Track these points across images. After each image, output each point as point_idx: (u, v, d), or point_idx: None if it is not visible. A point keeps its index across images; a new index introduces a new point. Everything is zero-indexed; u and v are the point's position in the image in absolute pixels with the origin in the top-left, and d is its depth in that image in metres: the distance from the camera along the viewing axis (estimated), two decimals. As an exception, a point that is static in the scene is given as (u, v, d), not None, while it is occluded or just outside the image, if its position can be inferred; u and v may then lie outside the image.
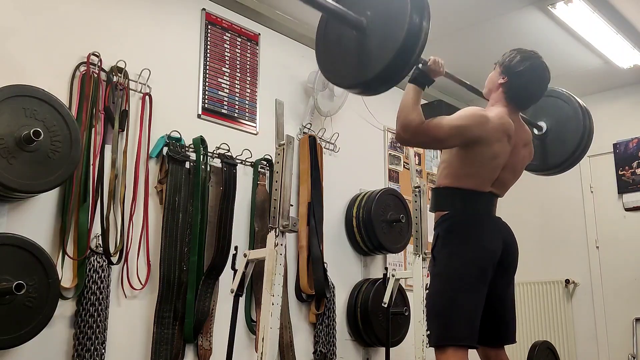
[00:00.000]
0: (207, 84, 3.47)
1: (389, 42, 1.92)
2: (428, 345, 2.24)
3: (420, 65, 2.20)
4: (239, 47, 3.70)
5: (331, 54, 2.20)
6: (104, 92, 2.93)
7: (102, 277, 2.74)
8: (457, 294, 2.14)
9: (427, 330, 2.21)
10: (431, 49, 2.30)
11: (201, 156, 3.23)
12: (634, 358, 4.60)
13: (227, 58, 3.61)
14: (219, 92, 3.53)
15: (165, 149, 3.15)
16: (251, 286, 3.35)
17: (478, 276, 2.16)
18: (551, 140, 2.97)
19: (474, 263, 2.16)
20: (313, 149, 3.88)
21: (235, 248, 2.97)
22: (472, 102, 5.17)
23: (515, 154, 2.35)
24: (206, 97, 3.46)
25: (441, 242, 2.25)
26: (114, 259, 2.83)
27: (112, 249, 2.82)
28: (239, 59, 3.68)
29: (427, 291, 2.36)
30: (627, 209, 4.86)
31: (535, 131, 2.96)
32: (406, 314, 3.97)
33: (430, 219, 2.83)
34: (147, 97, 3.12)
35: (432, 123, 2.18)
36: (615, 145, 4.96)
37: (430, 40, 2.31)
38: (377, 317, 3.90)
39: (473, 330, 2.14)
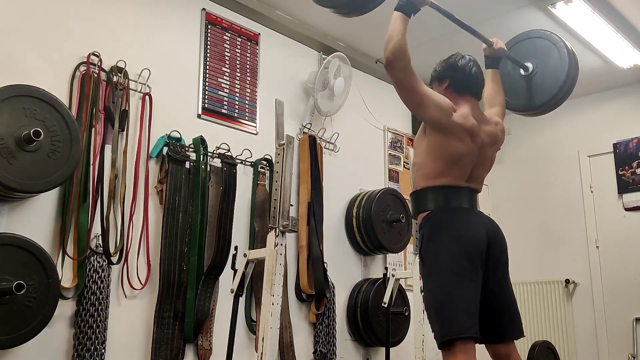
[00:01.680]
0: (207, 83, 3.47)
1: None
2: (437, 347, 2.21)
3: None
4: (239, 47, 3.70)
5: None
6: (104, 92, 2.93)
7: (102, 277, 2.74)
8: (451, 288, 2.13)
9: (432, 331, 2.19)
10: (431, 49, 2.31)
11: (201, 156, 3.23)
12: (634, 358, 4.60)
13: (227, 58, 3.61)
14: (219, 92, 3.53)
15: (165, 149, 3.15)
16: (251, 286, 3.35)
17: (468, 267, 2.15)
18: (537, 79, 2.96)
19: (461, 255, 2.15)
20: (313, 149, 3.88)
21: (235, 248, 2.97)
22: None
23: (483, 153, 2.39)
24: (206, 97, 3.46)
25: (427, 241, 2.25)
26: (114, 259, 2.83)
27: (112, 249, 2.82)
28: (239, 59, 3.68)
29: (422, 292, 2.34)
30: (627, 209, 4.87)
31: (522, 71, 2.98)
32: (406, 314, 3.97)
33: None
34: (147, 97, 3.12)
35: (417, 76, 2.24)
36: (615, 145, 4.96)
37: (430, 41, 2.31)
38: (377, 317, 3.90)
39: (474, 321, 2.11)
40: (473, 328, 2.09)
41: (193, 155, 3.23)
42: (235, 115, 3.60)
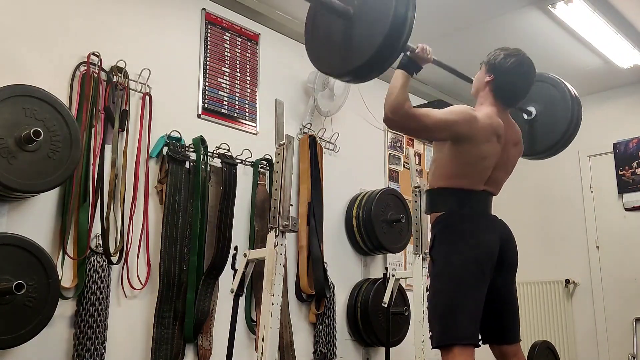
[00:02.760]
0: (207, 83, 3.47)
1: (376, 30, 1.97)
2: (431, 347, 2.23)
3: (408, 53, 2.22)
4: (239, 47, 3.70)
5: (320, 43, 2.23)
6: (104, 92, 2.93)
7: (102, 277, 2.74)
8: (458, 294, 2.14)
9: (429, 331, 2.21)
10: (431, 49, 2.31)
11: (201, 156, 3.23)
12: (634, 358, 4.59)
13: (227, 58, 3.61)
14: (219, 92, 3.53)
15: (165, 149, 3.15)
16: (251, 286, 3.35)
17: (477, 274, 2.16)
18: (540, 125, 2.98)
19: (472, 261, 2.16)
20: (313, 149, 3.88)
21: (235, 248, 2.97)
22: (473, 102, 5.17)
23: (506, 153, 2.36)
24: (206, 97, 3.46)
25: (438, 243, 2.25)
26: (114, 259, 2.83)
27: (112, 249, 2.82)
28: (239, 59, 3.68)
29: (428, 292, 2.35)
30: (627, 209, 4.86)
31: (525, 116, 2.99)
32: (406, 314, 3.97)
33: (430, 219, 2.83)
34: (147, 97, 3.12)
35: (421, 111, 2.21)
36: (615, 145, 4.96)
37: (430, 40, 2.31)
38: (377, 317, 3.90)
39: (475, 328, 2.14)
40: (475, 335, 2.13)
41: (193, 155, 3.23)
42: (235, 115, 3.60)
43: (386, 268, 4.07)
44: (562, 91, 2.96)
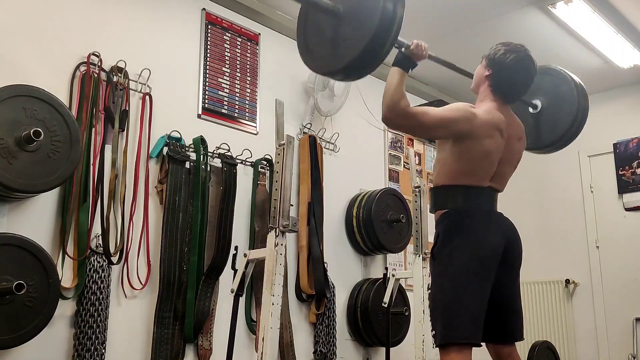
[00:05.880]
0: (207, 84, 3.47)
1: (364, 26, 1.98)
2: (434, 346, 2.22)
3: (403, 49, 2.23)
4: (239, 47, 3.70)
5: (312, 42, 2.23)
6: (104, 92, 2.93)
7: (102, 277, 2.74)
8: (460, 292, 2.12)
9: (432, 330, 2.20)
10: (431, 50, 2.31)
11: (201, 156, 3.23)
12: (634, 358, 4.60)
13: (227, 58, 3.61)
14: (219, 92, 3.53)
15: (165, 149, 3.15)
16: (251, 286, 3.35)
17: (481, 273, 2.14)
18: (545, 118, 2.95)
19: (476, 260, 2.14)
20: (313, 149, 3.88)
21: (236, 248, 2.97)
22: (473, 102, 5.17)
23: (510, 147, 2.34)
24: (206, 97, 3.46)
25: (442, 240, 2.22)
26: (114, 259, 2.83)
27: (112, 249, 2.82)
28: (239, 59, 3.68)
29: (430, 290, 2.34)
30: (627, 209, 4.86)
31: (530, 109, 2.96)
32: (406, 314, 3.97)
33: (430, 219, 2.83)
34: (147, 97, 3.12)
35: (419, 109, 2.21)
36: (615, 145, 4.96)
37: (430, 40, 2.31)
38: (377, 317, 3.89)
39: (477, 328, 2.12)
40: (474, 336, 2.10)
41: (193, 155, 3.23)
42: (235, 115, 3.60)
43: (386, 268, 4.07)
44: (568, 83, 2.93)
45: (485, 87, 2.38)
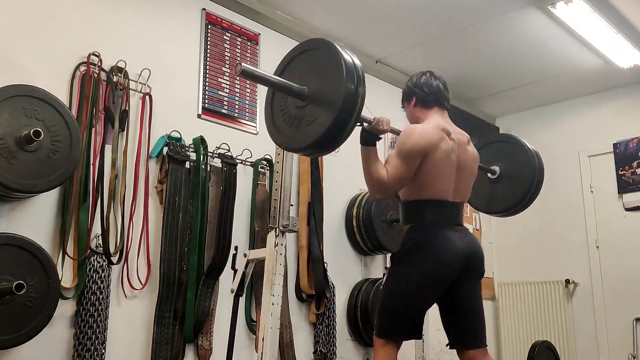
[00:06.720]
0: (207, 84, 3.47)
1: (328, 107, 2.06)
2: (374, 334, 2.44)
3: (365, 125, 2.38)
4: (239, 47, 3.70)
5: (278, 121, 2.29)
6: (104, 92, 2.93)
7: (102, 277, 2.74)
8: (408, 301, 2.35)
9: (374, 321, 2.42)
10: (431, 50, 2.32)
11: (201, 156, 3.23)
12: (634, 358, 4.60)
13: (227, 58, 3.61)
14: (219, 92, 3.53)
15: (165, 149, 3.15)
16: (251, 286, 3.35)
17: (432, 289, 2.36)
18: (503, 184, 3.17)
19: (430, 277, 2.33)
20: (313, 149, 3.87)
21: (235, 248, 2.97)
22: (474, 101, 5.17)
23: (464, 151, 2.50)
24: (206, 97, 3.46)
25: (405, 250, 2.40)
26: (114, 259, 2.83)
27: (112, 249, 2.82)
28: (239, 59, 3.68)
29: (381, 287, 2.53)
30: (627, 209, 4.87)
31: (489, 175, 3.15)
32: (406, 314, 3.97)
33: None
34: (147, 97, 3.12)
35: (391, 167, 2.37)
36: (615, 145, 4.96)
37: (430, 41, 2.31)
38: (377, 317, 3.89)
39: (411, 329, 2.38)
40: (407, 336, 2.40)
41: (193, 155, 3.23)
42: (235, 115, 3.60)
43: (386, 268, 4.07)
44: (526, 153, 3.12)
45: (418, 110, 2.56)
